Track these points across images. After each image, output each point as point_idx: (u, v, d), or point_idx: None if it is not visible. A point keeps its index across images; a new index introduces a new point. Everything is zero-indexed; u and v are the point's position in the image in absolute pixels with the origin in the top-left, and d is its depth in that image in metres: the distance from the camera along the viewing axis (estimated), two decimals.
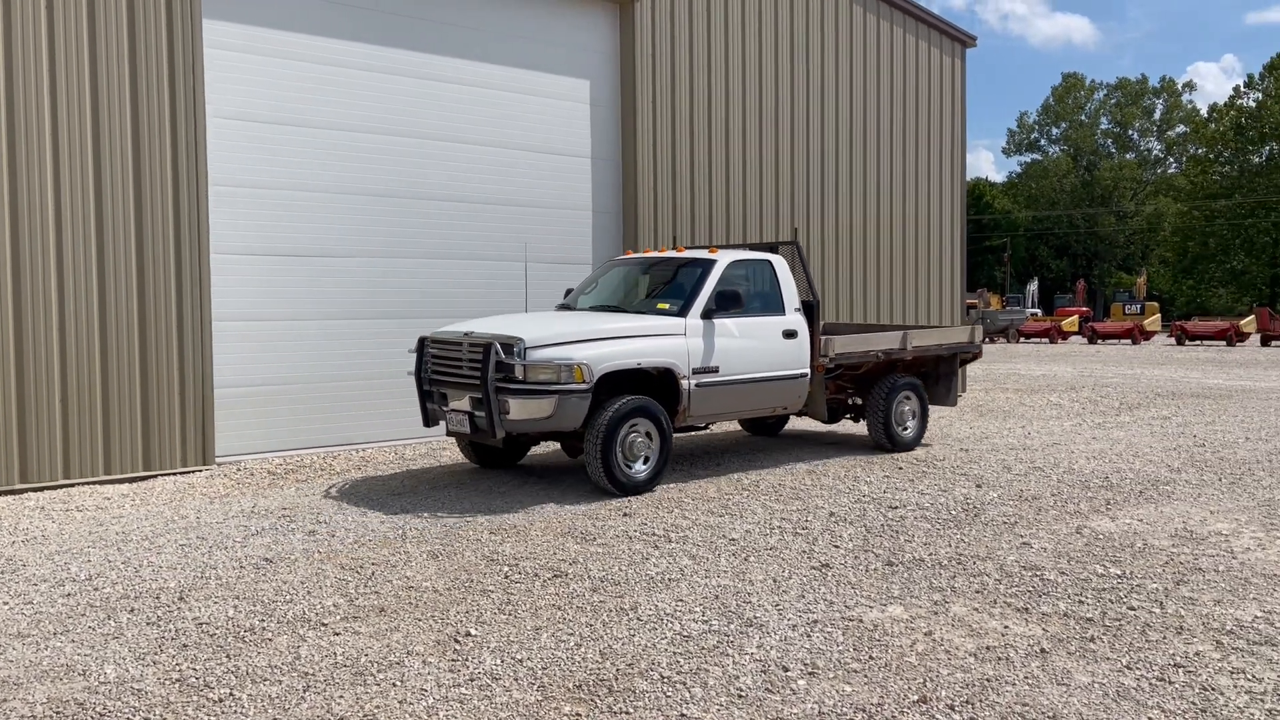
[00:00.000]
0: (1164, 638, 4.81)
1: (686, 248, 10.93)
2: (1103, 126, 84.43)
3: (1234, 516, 7.41)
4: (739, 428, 12.39)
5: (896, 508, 7.76)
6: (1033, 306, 57.03)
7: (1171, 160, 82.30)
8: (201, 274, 9.53)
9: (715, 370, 8.82)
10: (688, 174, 13.33)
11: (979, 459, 10.08)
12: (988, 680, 4.33)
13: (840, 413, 10.89)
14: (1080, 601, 5.39)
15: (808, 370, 9.66)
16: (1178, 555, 6.30)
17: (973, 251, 77.54)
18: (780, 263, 9.79)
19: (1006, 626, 5.01)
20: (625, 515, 7.47)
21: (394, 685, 4.32)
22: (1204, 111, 73.46)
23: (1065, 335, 44.47)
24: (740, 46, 13.89)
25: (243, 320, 10.08)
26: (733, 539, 6.76)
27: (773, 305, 9.53)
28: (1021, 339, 44.90)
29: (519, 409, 7.87)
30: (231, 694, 4.23)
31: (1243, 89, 68.03)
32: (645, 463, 8.38)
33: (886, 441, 10.46)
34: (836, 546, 6.57)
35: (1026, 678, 4.35)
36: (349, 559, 6.30)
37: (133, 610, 5.33)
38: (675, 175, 13.20)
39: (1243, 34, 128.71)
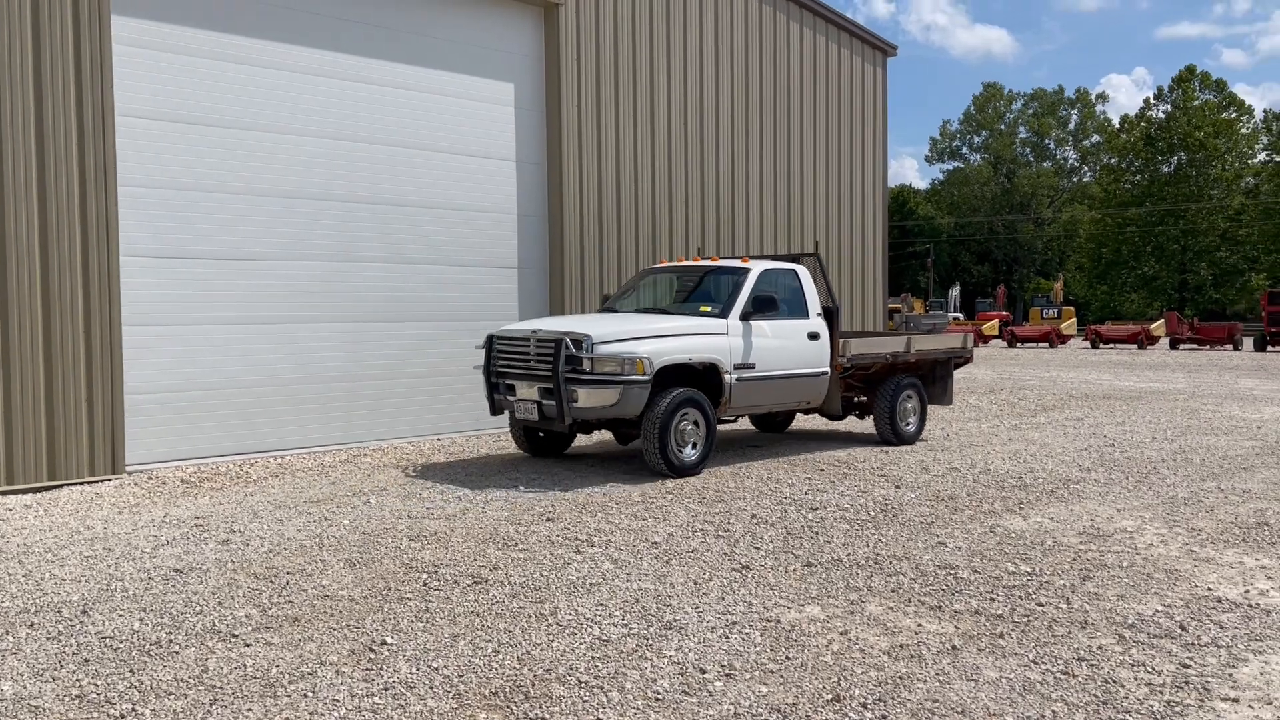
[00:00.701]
0: (1069, 632, 4.94)
1: (720, 257, 11.77)
2: (1021, 135, 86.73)
3: (1139, 514, 7.65)
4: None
5: (817, 509, 7.85)
6: (955, 311, 58.39)
7: (1086, 169, 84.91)
8: (110, 277, 9.24)
9: (752, 366, 9.74)
10: (614, 177, 13.35)
11: (898, 460, 10.26)
12: (900, 678, 4.40)
13: (848, 410, 11.59)
14: (991, 599, 5.51)
15: (828, 369, 10.55)
16: (1085, 552, 6.48)
17: (898, 257, 79.09)
18: (804, 271, 10.68)
19: (920, 625, 5.09)
20: (548, 520, 7.44)
21: (305, 696, 4.23)
22: (1116, 122, 75.96)
23: (986, 339, 45.55)
24: (665, 53, 13.96)
25: (155, 325, 9.81)
26: (655, 542, 6.77)
27: (798, 310, 10.40)
28: None
29: (587, 397, 8.82)
30: (134, 709, 4.10)
31: (1152, 101, 70.49)
32: (694, 448, 9.29)
33: (892, 436, 11.23)
34: (757, 548, 6.62)
35: (937, 674, 4.43)
36: (263, 568, 6.16)
37: (32, 625, 5.14)
38: (601, 178, 13.21)
39: (1153, 47, 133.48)
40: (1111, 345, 41.06)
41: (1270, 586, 5.69)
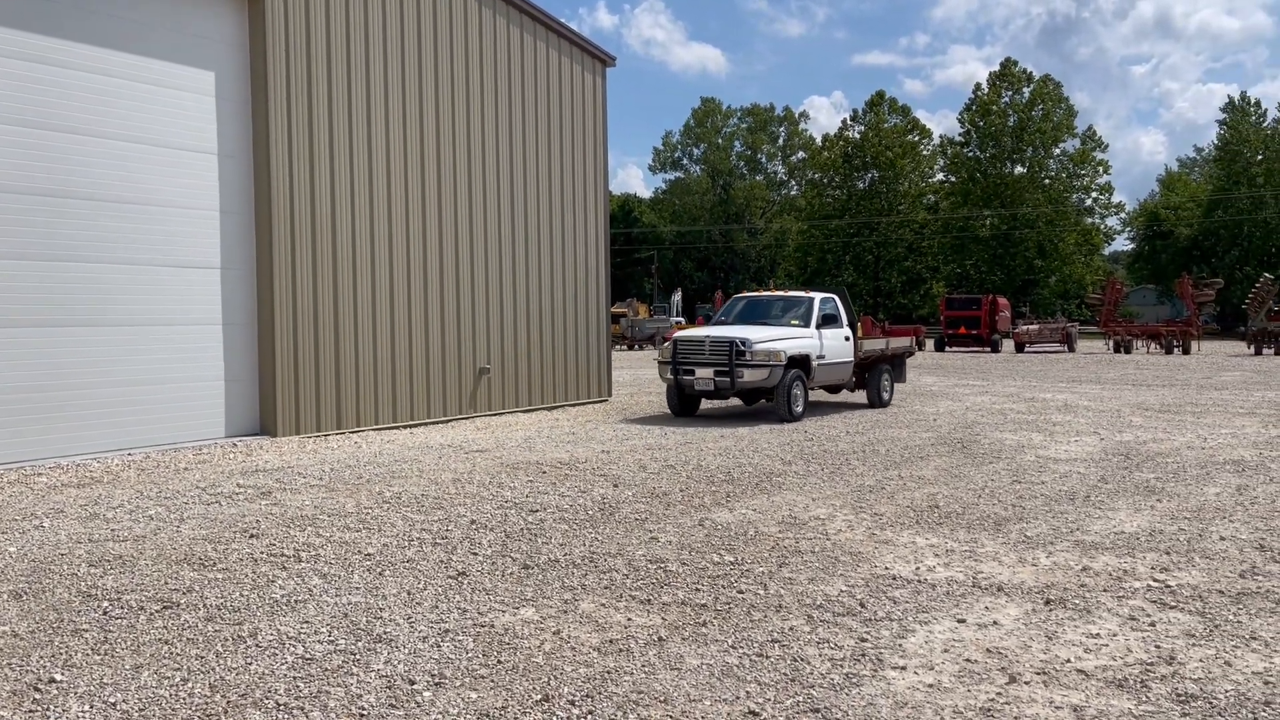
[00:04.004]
0: (765, 616, 5.26)
1: (789, 289, 18.53)
2: (736, 149, 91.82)
3: (831, 502, 8.28)
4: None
5: (537, 511, 7.90)
6: (677, 315, 60.73)
7: (793, 183, 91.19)
8: None
9: (824, 357, 15.25)
10: (327, 177, 12.81)
11: (618, 459, 10.53)
12: (608, 672, 4.50)
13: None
14: (697, 589, 5.76)
15: (853, 359, 16.07)
16: (783, 540, 6.93)
17: (625, 263, 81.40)
18: (839, 298, 16.16)
19: (630, 619, 5.24)
20: (252, 537, 7.02)
21: None
22: (819, 140, 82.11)
23: None
24: (382, 48, 13.57)
25: None
26: (368, 554, 6.56)
27: (838, 322, 15.82)
28: None
29: (749, 375, 14.19)
30: None
31: (849, 122, 76.83)
32: (800, 405, 14.64)
33: (879, 401, 16.67)
34: (475, 554, 6.57)
35: (644, 666, 4.57)
36: None
37: None
38: (314, 177, 12.63)
39: (849, 73, 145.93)
40: None
41: (937, 563, 6.33)
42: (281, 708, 4.11)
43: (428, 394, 14.32)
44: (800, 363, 14.75)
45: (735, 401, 17.15)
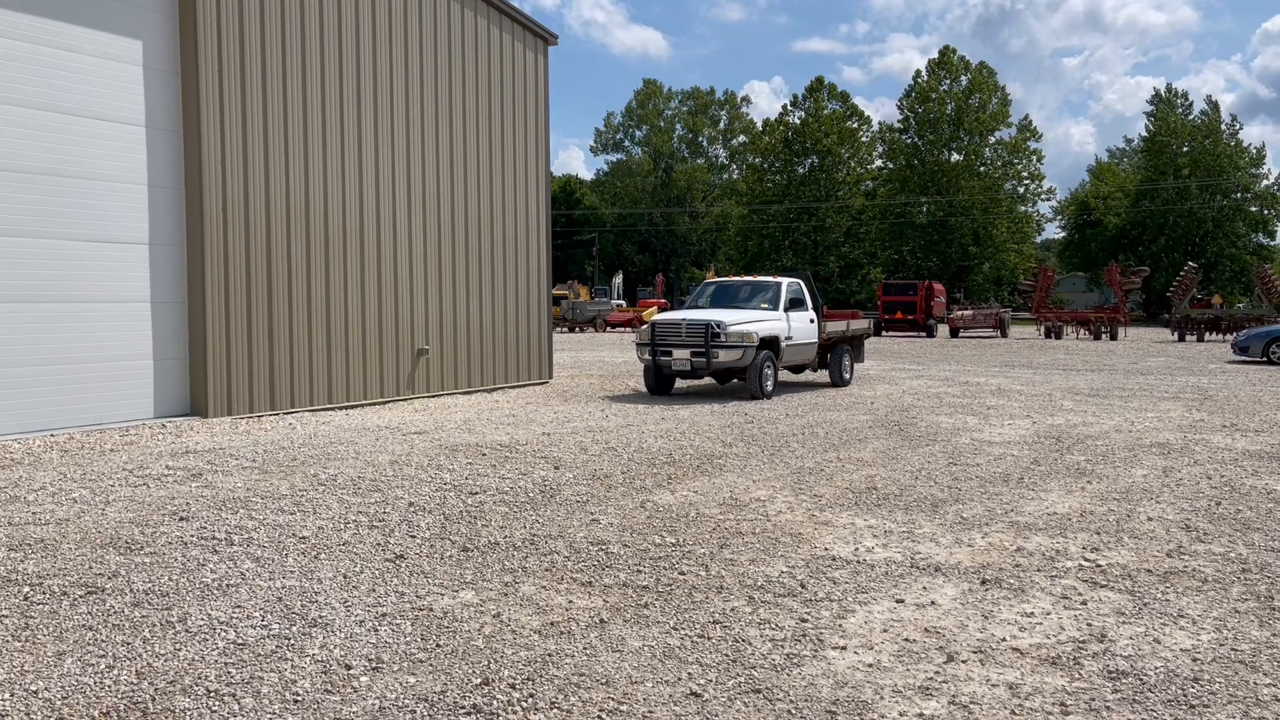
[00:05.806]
0: (707, 598, 5.26)
1: (758, 274, 18.05)
2: (677, 132, 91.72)
3: (771, 484, 8.32)
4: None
5: (477, 493, 7.81)
6: (618, 298, 60.71)
7: (734, 167, 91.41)
8: None
9: (791, 338, 16.04)
10: (261, 151, 12.48)
11: (559, 442, 10.47)
12: (549, 655, 4.45)
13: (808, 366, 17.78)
14: (639, 571, 5.74)
15: (817, 340, 16.82)
16: (724, 521, 6.94)
17: (566, 245, 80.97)
18: (803, 283, 17.03)
19: (571, 601, 5.20)
20: (182, 520, 6.83)
21: None
22: (759, 125, 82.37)
23: None
24: (318, 20, 13.24)
25: None
26: (303, 537, 6.42)
27: (804, 306, 16.67)
28: (609, 328, 47.57)
29: (724, 355, 14.82)
30: None
31: (789, 107, 77.19)
32: (770, 384, 15.35)
33: (840, 379, 17.48)
34: (413, 536, 6.47)
35: (585, 648, 4.54)
36: None
37: None
38: (248, 151, 12.30)
39: (789, 59, 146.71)
40: None
41: (875, 544, 6.39)
42: (212, 694, 4.00)
43: (364, 375, 14.09)
44: (770, 344, 15.44)
45: (708, 381, 17.59)
